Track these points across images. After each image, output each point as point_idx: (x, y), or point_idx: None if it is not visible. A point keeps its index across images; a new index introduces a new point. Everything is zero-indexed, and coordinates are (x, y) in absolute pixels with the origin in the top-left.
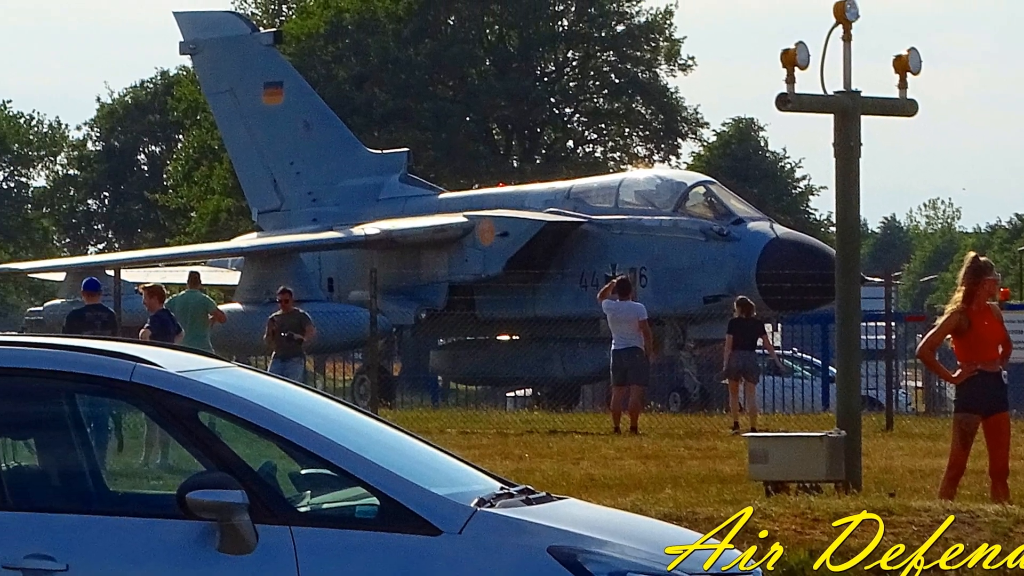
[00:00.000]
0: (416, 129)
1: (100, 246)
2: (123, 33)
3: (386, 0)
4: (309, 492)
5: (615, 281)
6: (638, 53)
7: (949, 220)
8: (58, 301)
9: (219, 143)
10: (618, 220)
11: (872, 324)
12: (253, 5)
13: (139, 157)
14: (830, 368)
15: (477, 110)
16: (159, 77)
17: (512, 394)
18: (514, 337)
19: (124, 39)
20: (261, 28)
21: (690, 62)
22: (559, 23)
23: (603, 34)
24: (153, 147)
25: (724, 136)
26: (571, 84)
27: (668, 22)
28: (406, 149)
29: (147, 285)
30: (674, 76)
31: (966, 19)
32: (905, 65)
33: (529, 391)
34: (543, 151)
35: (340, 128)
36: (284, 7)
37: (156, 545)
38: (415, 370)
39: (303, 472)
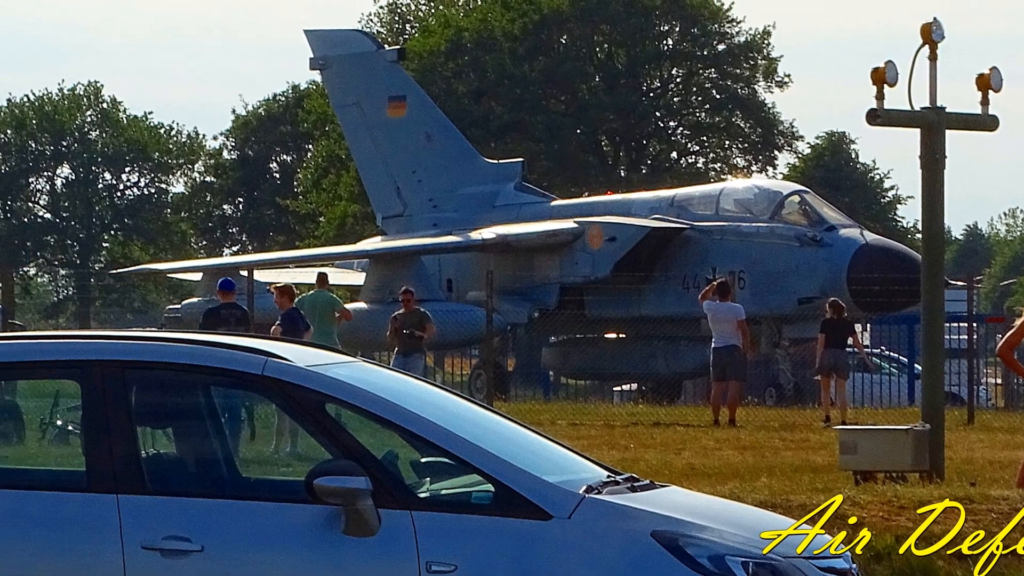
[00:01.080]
0: (530, 140)
1: (234, 248)
2: (257, 50)
3: (503, 20)
4: (428, 479)
5: (715, 283)
6: (738, 71)
7: None
8: (195, 299)
9: (346, 153)
10: (718, 226)
11: (955, 325)
12: (379, 24)
13: (271, 165)
14: (915, 366)
15: (587, 123)
16: (290, 91)
17: (618, 388)
18: (621, 335)
19: (258, 56)
20: (386, 46)
21: (786, 79)
22: (664, 42)
23: (705, 53)
24: (284, 156)
25: (818, 148)
26: (675, 99)
27: (766, 42)
28: (521, 159)
29: (278, 285)
30: (771, 92)
31: None
32: (987, 83)
33: (634, 386)
34: (648, 162)
35: (459, 139)
36: (407, 26)
37: (285, 528)
38: (528, 365)
39: (423, 460)
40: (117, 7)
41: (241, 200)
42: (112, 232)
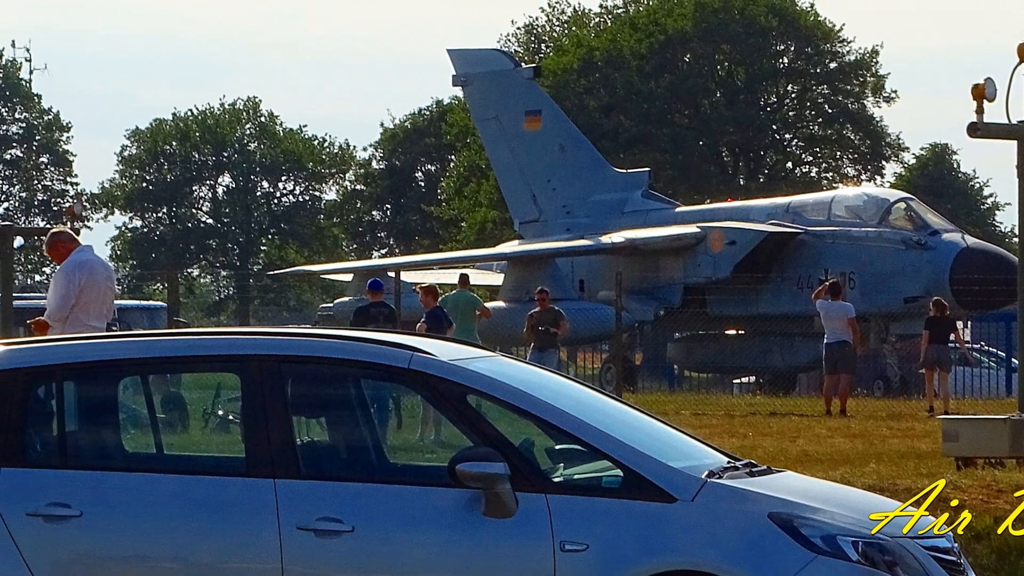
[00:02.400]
0: (656, 152)
1: (382, 251)
2: (403, 68)
3: (631, 40)
4: (562, 464)
5: (828, 284)
6: (848, 87)
7: None
8: (346, 299)
9: (486, 163)
10: (830, 231)
11: None
12: (516, 43)
13: (417, 175)
14: (1013, 359)
15: (709, 135)
16: (434, 105)
17: (738, 381)
18: (740, 332)
19: (404, 73)
20: (523, 64)
21: (893, 95)
22: (780, 61)
23: (818, 70)
24: (429, 166)
25: (922, 159)
26: (790, 113)
27: (874, 60)
28: (647, 169)
29: (423, 285)
30: (879, 107)
31: None
32: None
33: (752, 378)
34: (766, 171)
35: (590, 150)
36: (543, 45)
37: (430, 510)
38: (654, 360)
39: (557, 447)
40: (275, 28)
41: (389, 206)
42: (269, 236)
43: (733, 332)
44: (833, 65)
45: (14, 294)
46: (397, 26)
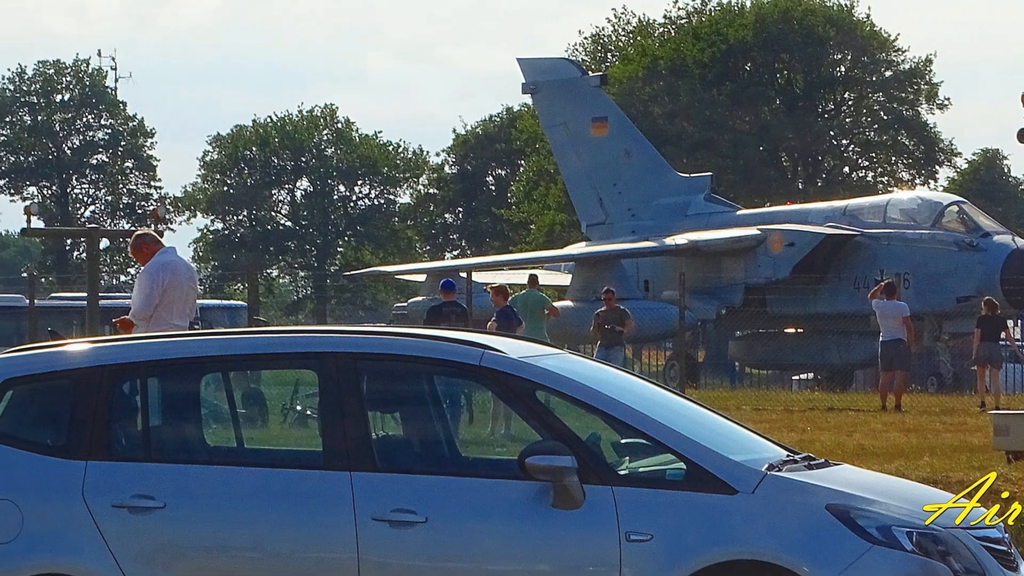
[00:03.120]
0: (718, 157)
1: (454, 252)
2: (475, 75)
3: (694, 49)
4: (627, 458)
5: (883, 284)
6: (903, 94)
7: None
8: (419, 298)
9: (554, 167)
10: (886, 233)
11: None
12: (583, 52)
13: (488, 179)
14: None
15: (769, 141)
16: (504, 112)
17: (797, 377)
18: (799, 330)
19: (476, 81)
20: (589, 72)
21: (946, 102)
22: (838, 69)
23: (874, 79)
24: (499, 170)
25: (974, 164)
26: (847, 120)
27: (928, 69)
28: (709, 173)
29: (494, 285)
30: (932, 114)
31: None
32: None
33: (811, 375)
34: (823, 176)
35: (655, 155)
36: (608, 54)
37: (500, 501)
38: (716, 357)
39: (622, 441)
40: (350, 39)
41: (461, 210)
42: (346, 238)
43: (792, 330)
44: (888, 73)
45: (100, 294)
46: (469, 37)
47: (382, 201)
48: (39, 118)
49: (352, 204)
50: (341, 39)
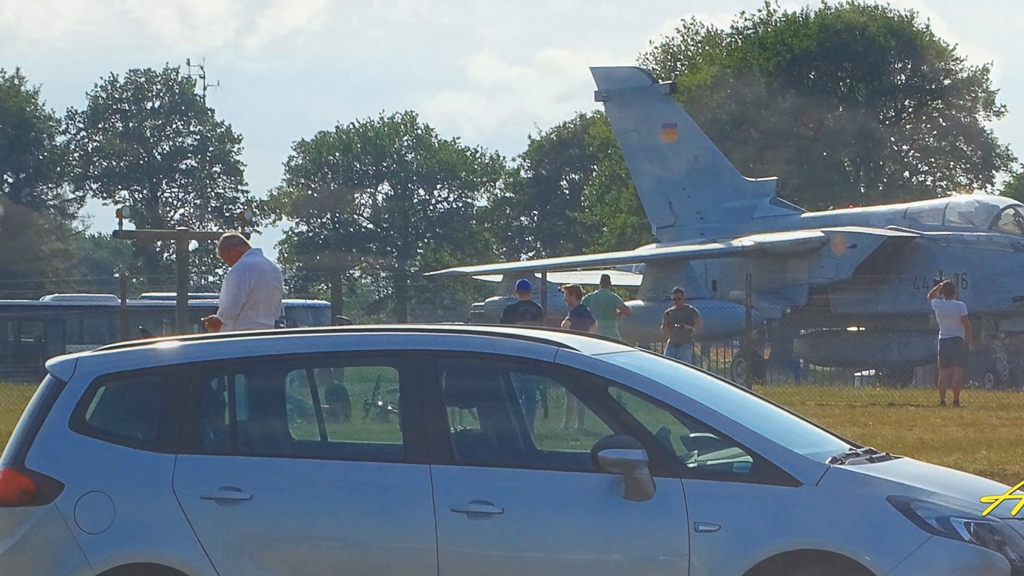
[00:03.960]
0: (783, 162)
1: (530, 254)
2: (550, 85)
3: (760, 59)
4: (696, 451)
5: (942, 284)
6: (961, 102)
7: None
8: (496, 298)
9: (626, 172)
10: (944, 235)
11: None
12: (654, 62)
13: (562, 183)
14: None
15: (832, 147)
16: (578, 119)
17: (859, 374)
18: (861, 328)
19: (550, 90)
20: (660, 80)
21: (1003, 109)
22: (898, 78)
23: (933, 87)
24: (573, 175)
25: None
26: (907, 126)
27: (985, 77)
28: (775, 178)
29: (568, 285)
30: (989, 120)
31: None
32: None
33: (872, 371)
34: (884, 180)
35: (722, 160)
36: (678, 63)
37: (573, 493)
38: (781, 354)
39: (691, 435)
40: (430, 50)
41: (536, 213)
42: (425, 240)
43: (854, 329)
44: (947, 82)
45: (189, 294)
46: (543, 47)
47: (460, 204)
48: (131, 125)
49: (431, 207)
50: (422, 49)
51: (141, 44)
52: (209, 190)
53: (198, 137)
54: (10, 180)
